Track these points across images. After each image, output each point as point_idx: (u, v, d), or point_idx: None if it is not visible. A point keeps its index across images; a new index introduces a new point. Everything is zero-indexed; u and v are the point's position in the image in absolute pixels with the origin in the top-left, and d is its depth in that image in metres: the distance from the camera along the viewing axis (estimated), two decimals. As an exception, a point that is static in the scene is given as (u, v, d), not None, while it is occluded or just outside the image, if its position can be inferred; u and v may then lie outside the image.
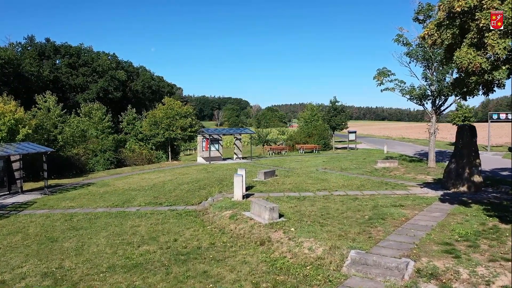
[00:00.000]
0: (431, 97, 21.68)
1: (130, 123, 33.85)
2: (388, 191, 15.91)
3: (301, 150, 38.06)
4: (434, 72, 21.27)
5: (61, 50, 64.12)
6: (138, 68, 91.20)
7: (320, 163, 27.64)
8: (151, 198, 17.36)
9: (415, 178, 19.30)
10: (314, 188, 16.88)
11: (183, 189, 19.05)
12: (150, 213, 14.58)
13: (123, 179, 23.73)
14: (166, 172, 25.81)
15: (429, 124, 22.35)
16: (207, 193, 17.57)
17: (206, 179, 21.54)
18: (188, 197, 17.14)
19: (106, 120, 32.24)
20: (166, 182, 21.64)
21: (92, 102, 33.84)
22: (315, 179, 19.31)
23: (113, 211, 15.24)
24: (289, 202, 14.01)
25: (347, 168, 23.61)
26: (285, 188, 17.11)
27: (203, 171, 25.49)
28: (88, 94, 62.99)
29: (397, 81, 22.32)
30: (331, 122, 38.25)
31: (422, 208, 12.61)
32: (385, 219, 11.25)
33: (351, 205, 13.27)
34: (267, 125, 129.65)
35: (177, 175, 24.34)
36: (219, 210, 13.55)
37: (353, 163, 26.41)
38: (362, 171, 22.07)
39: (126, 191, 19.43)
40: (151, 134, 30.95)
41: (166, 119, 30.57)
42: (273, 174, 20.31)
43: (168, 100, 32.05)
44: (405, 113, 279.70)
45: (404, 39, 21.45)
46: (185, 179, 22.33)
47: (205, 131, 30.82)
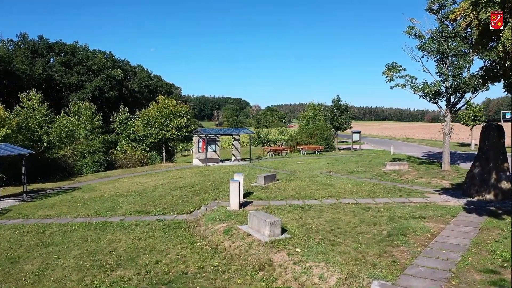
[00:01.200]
0: (445, 94, 19.91)
1: (123, 122, 32.01)
2: (404, 199, 14.16)
3: (303, 151, 36.29)
4: (449, 66, 19.50)
5: (55, 48, 62.30)
6: (135, 67, 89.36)
7: (323, 166, 25.88)
8: (138, 206, 15.60)
9: (430, 183, 17.54)
10: (320, 194, 15.13)
11: (175, 195, 17.30)
12: (135, 224, 12.84)
13: (111, 183, 21.95)
14: (159, 175, 24.05)
15: (443, 124, 20.58)
16: (200, 200, 15.83)
17: (201, 184, 19.79)
18: (179, 205, 15.39)
19: (96, 120, 30.38)
20: (157, 186, 19.89)
21: (87, 101, 31.92)
22: (320, 184, 17.55)
23: (93, 222, 13.48)
24: (293, 212, 12.25)
25: (353, 171, 21.85)
26: (288, 195, 15.36)
27: (198, 174, 23.74)
28: (83, 93, 61.20)
29: (408, 77, 20.59)
30: (334, 122, 36.37)
31: (447, 221, 10.85)
32: (407, 236, 9.49)
33: (365, 216, 11.51)
34: (267, 125, 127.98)
35: (170, 178, 22.58)
36: (212, 222, 11.79)
37: (359, 166, 24.65)
38: (370, 175, 20.31)
39: (112, 197, 17.66)
40: (144, 134, 29.18)
41: (160, 118, 28.78)
42: (274, 179, 18.55)
43: (162, 99, 30.23)
44: (405, 113, 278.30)
45: (416, 31, 19.69)
46: (178, 183, 20.58)
47: (201, 131, 29.06)
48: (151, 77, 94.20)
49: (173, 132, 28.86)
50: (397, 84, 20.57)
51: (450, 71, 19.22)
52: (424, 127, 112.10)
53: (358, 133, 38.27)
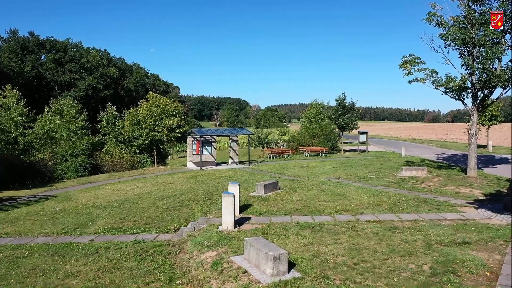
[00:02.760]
0: (472, 90, 17.42)
1: (110, 122, 29.49)
2: (434, 215, 11.68)
3: (306, 153, 33.78)
4: (476, 58, 17.01)
5: (46, 45, 59.81)
6: (132, 65, 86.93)
7: (330, 170, 23.41)
8: (115, 221, 13.14)
9: (458, 193, 15.05)
10: (331, 208, 12.65)
11: (160, 206, 14.83)
12: (105, 248, 10.36)
13: (92, 191, 19.47)
14: (147, 181, 21.56)
15: (469, 124, 18.08)
16: (189, 214, 13.39)
17: (192, 192, 17.32)
18: (164, 220, 12.94)
19: (80, 119, 27.80)
20: (142, 195, 17.40)
21: (70, 98, 29.31)
22: (330, 193, 15.07)
23: (56, 243, 11.00)
24: (300, 234, 9.78)
25: (365, 178, 19.37)
26: (292, 208, 12.88)
27: (190, 180, 21.26)
28: (75, 92, 58.77)
29: (428, 71, 18.12)
30: (339, 122, 33.83)
31: (501, 249, 8.38)
32: (458, 274, 7.02)
33: (393, 241, 9.03)
34: (267, 125, 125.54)
35: (159, 185, 20.10)
36: (199, 248, 9.31)
37: (370, 170, 22.18)
38: (385, 182, 17.83)
39: (88, 209, 15.18)
40: (133, 135, 26.69)
41: (150, 118, 26.28)
42: (276, 187, 16.06)
43: (153, 96, 27.69)
44: (406, 113, 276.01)
45: (439, 18, 17.21)
46: (167, 191, 18.11)
47: (196, 131, 26.54)
48: (148, 76, 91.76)
49: (164, 133, 26.34)
50: (416, 78, 18.11)
51: (478, 63, 16.72)
52: (428, 127, 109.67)
53: (365, 134, 35.72)
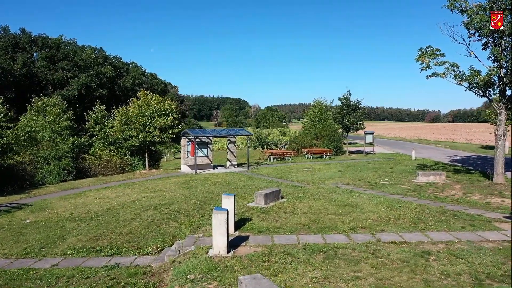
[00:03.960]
0: (499, 85, 15.41)
1: (99, 122, 27.45)
2: (469, 233, 9.67)
3: (309, 155, 31.75)
4: (504, 49, 15.00)
5: (38, 42, 57.74)
6: (128, 64, 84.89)
7: (336, 174, 21.41)
8: (89, 238, 11.15)
9: (488, 204, 13.04)
10: (344, 224, 10.65)
11: (145, 219, 12.83)
12: (68, 278, 8.38)
13: (72, 198, 17.45)
14: (135, 187, 19.54)
15: (497, 124, 16.04)
16: (176, 230, 11.42)
17: (183, 201, 15.34)
18: (146, 237, 10.95)
19: (64, 119, 25.69)
20: (126, 204, 15.39)
21: (54, 96, 27.17)
22: (340, 204, 13.05)
23: (11, 269, 9.02)
24: (310, 262, 7.78)
25: (377, 184, 17.36)
26: (298, 223, 10.86)
27: (183, 186, 19.25)
28: (68, 90, 56.75)
29: (448, 64, 16.11)
30: (344, 122, 31.76)
31: None
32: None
33: (430, 274, 7.03)
34: (267, 125, 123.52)
35: (147, 192, 18.08)
36: (182, 282, 7.30)
37: (380, 175, 20.19)
38: (401, 189, 15.82)
39: (62, 222, 13.17)
40: (123, 136, 24.65)
41: (141, 117, 24.24)
42: (278, 196, 14.04)
43: (144, 94, 25.64)
44: (406, 113, 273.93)
45: (463, 3, 15.20)
46: (155, 199, 16.10)
47: (190, 132, 24.49)
48: (145, 75, 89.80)
49: (156, 134, 24.29)
50: (435, 73, 16.11)
51: (507, 54, 14.71)
52: (432, 127, 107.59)
53: (372, 135, 33.65)
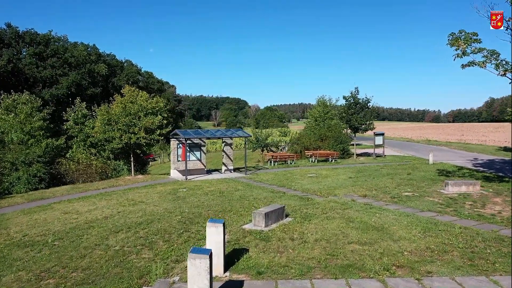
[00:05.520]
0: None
1: (79, 122, 24.57)
2: (556, 279, 6.83)
3: (313, 158, 28.88)
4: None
5: (25, 38, 54.79)
6: (123, 62, 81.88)
7: (346, 182, 18.57)
8: (32, 275, 8.30)
9: (552, 226, 10.19)
10: (374, 260, 7.80)
11: (112, 246, 9.96)
12: None
13: (36, 213, 14.57)
14: (113, 198, 16.66)
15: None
16: (150, 264, 8.54)
17: (166, 218, 12.49)
18: (107, 276, 8.09)
19: (38, 118, 22.75)
20: (96, 222, 12.53)
21: (27, 93, 24.29)
22: (362, 226, 10.20)
23: None
24: None
25: (399, 196, 14.51)
26: (310, 258, 8.02)
27: (169, 197, 16.38)
28: (57, 88, 53.86)
29: (486, 51, 13.30)
30: (352, 121, 28.81)
31: None
32: None
33: None
34: (266, 125, 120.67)
35: (126, 204, 15.21)
36: None
37: (399, 183, 17.36)
38: (431, 204, 12.97)
39: (8, 248, 10.28)
40: (105, 138, 21.82)
41: (125, 116, 21.41)
42: (282, 215, 11.17)
43: (129, 90, 22.82)
44: (406, 113, 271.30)
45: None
46: (132, 215, 13.23)
47: (180, 133, 21.62)
48: (141, 73, 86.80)
49: (142, 135, 21.41)
50: (473, 61, 13.30)
51: None
52: (435, 127, 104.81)
53: (382, 136, 30.78)
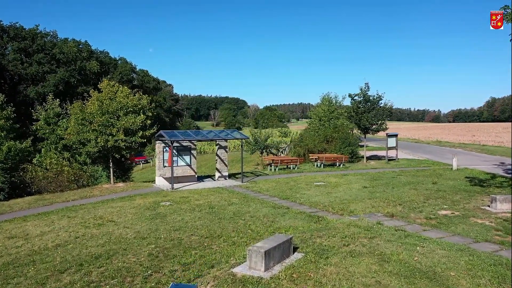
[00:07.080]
0: None
1: (51, 122, 21.50)
2: None
3: (318, 163, 25.77)
4: None
5: (9, 32, 51.63)
6: (117, 59, 78.65)
7: (362, 193, 15.47)
8: None
9: None
10: None
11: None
12: None
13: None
14: (77, 215, 13.53)
15: None
16: None
17: (134, 248, 9.39)
18: None
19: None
20: (41, 253, 9.43)
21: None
22: (405, 272, 7.07)
23: None
24: None
25: (435, 214, 11.43)
26: None
27: (146, 214, 13.24)
28: (43, 86, 50.70)
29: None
30: (362, 121, 25.55)
31: None
32: None
33: None
34: (266, 125, 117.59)
35: (90, 225, 12.09)
36: None
37: (426, 195, 14.27)
38: (483, 229, 9.88)
39: None
40: (78, 139, 18.76)
41: (101, 116, 18.34)
42: (288, 251, 8.04)
43: (107, 85, 19.73)
44: (406, 112, 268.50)
45: None
46: (92, 243, 10.13)
47: (165, 135, 18.50)
48: (136, 71, 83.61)
49: (121, 137, 18.28)
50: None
51: None
52: (440, 127, 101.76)
53: (395, 137, 27.70)
